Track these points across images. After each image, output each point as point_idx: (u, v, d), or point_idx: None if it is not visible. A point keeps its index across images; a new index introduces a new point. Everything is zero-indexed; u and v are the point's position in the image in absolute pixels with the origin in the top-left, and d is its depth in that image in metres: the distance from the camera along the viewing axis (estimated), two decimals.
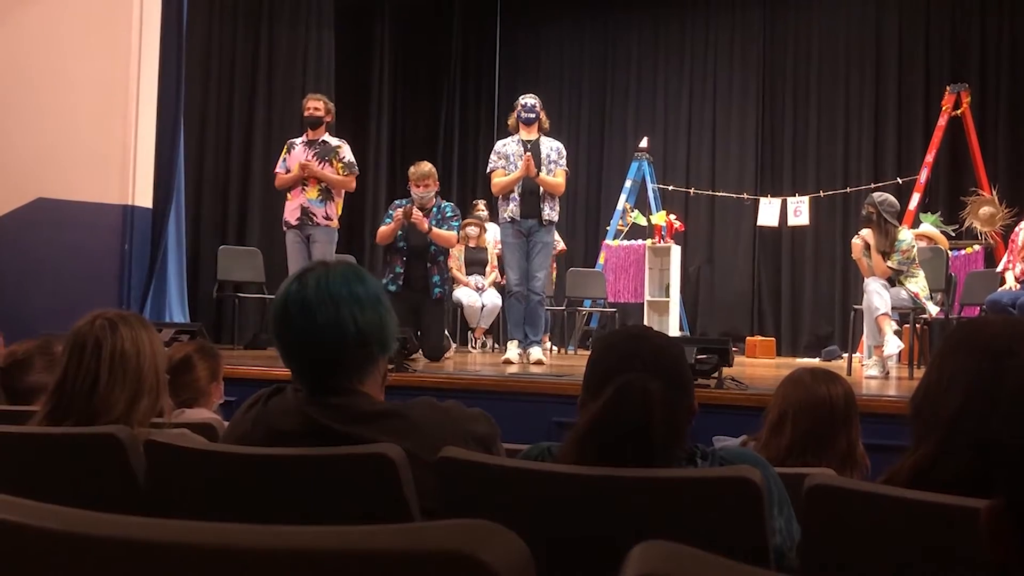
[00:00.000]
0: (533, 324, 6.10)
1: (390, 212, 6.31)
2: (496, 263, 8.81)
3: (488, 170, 6.20)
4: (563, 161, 6.14)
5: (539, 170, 5.96)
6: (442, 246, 6.25)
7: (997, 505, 0.68)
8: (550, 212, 6.06)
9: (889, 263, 5.62)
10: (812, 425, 2.16)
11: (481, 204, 9.42)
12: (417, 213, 6.09)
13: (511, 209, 6.04)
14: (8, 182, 6.38)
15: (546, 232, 6.09)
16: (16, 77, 6.44)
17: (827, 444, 2.15)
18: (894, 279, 5.68)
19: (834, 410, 2.17)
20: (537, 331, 6.17)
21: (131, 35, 6.63)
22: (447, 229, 6.21)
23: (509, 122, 6.26)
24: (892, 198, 5.88)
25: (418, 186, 6.24)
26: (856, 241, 5.83)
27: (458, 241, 6.29)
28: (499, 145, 6.22)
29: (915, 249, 5.79)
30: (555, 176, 6.05)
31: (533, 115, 6.10)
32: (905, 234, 5.78)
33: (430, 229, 6.10)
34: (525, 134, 6.12)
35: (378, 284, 1.64)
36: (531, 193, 6.01)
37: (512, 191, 6.02)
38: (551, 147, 6.11)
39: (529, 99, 6.18)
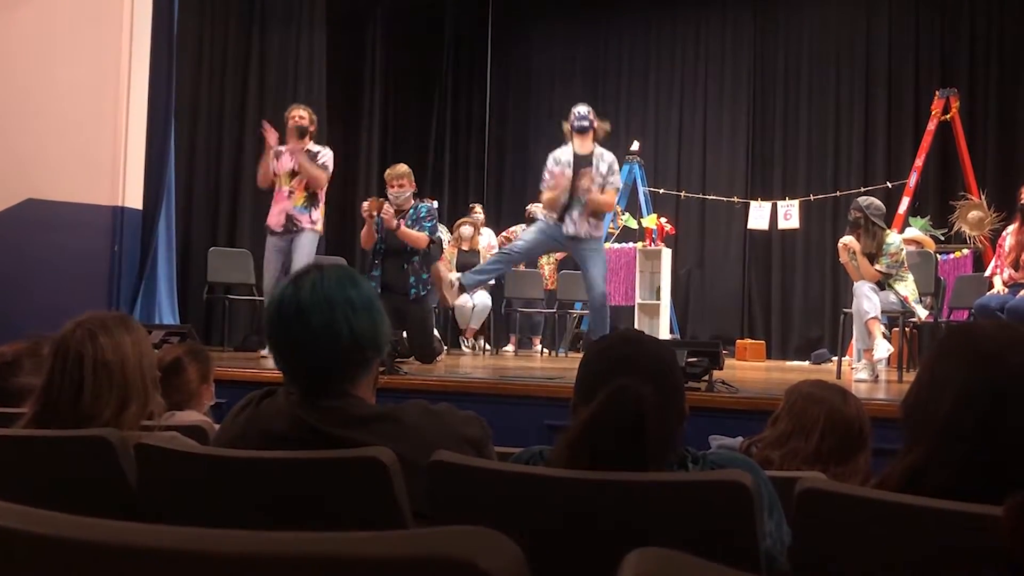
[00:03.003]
0: (600, 329, 6.06)
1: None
2: None
3: (541, 187, 6.10)
4: (614, 178, 6.02)
5: (592, 185, 5.85)
6: (414, 247, 6.18)
7: (1019, 504, 0.68)
8: (592, 230, 5.94)
9: (878, 266, 5.64)
10: (840, 442, 2.20)
11: (478, 207, 9.38)
12: (387, 209, 6.05)
13: (551, 215, 5.95)
14: None
15: (593, 242, 5.98)
16: (6, 78, 6.41)
17: (848, 461, 2.20)
18: (883, 283, 5.71)
19: (862, 430, 2.23)
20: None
21: (122, 36, 6.62)
22: (418, 230, 6.15)
23: (564, 129, 6.14)
24: (878, 201, 5.91)
25: (392, 186, 6.21)
26: (843, 243, 5.83)
27: (431, 242, 6.21)
28: (551, 162, 6.06)
29: (904, 252, 5.81)
30: (606, 194, 5.94)
31: (586, 123, 5.98)
32: (893, 237, 5.80)
33: (398, 226, 6.04)
34: (579, 144, 6.00)
35: (371, 288, 1.64)
36: (579, 204, 5.88)
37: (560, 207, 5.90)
38: (603, 161, 5.97)
39: (581, 108, 6.07)
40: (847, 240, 5.77)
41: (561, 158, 6.02)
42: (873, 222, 5.67)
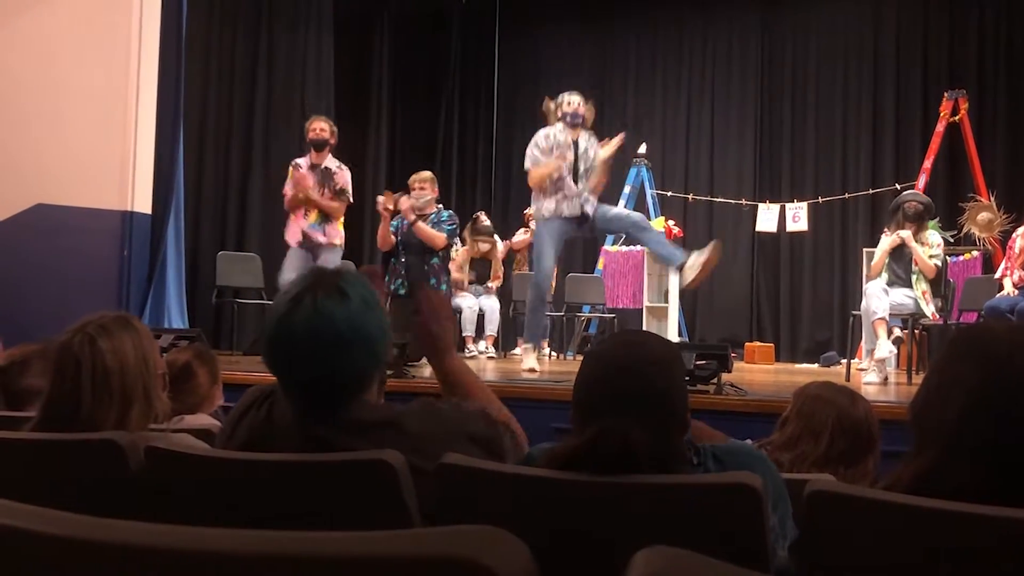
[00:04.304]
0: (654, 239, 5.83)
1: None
2: (500, 271, 8.80)
3: (527, 166, 5.77)
4: (596, 151, 5.75)
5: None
6: (432, 247, 6.15)
7: None
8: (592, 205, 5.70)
9: (936, 261, 5.68)
10: (850, 444, 2.19)
11: (483, 216, 9.31)
12: (404, 201, 6.03)
13: (552, 206, 5.64)
14: (7, 188, 6.38)
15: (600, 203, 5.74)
16: (15, 83, 6.44)
17: (857, 464, 2.19)
18: (895, 281, 5.72)
19: (871, 432, 2.22)
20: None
21: (131, 41, 6.64)
22: (438, 230, 6.14)
23: (548, 108, 5.83)
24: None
25: (413, 188, 6.22)
26: (901, 236, 5.76)
27: (449, 245, 6.20)
28: (541, 138, 5.75)
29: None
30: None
31: (579, 120, 5.76)
32: (930, 231, 5.89)
33: (415, 220, 6.02)
34: (570, 132, 5.74)
35: (371, 310, 1.52)
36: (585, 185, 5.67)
37: (559, 187, 5.61)
38: (588, 143, 5.76)
39: (573, 97, 5.76)
40: (904, 235, 5.75)
41: (558, 138, 5.71)
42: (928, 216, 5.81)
